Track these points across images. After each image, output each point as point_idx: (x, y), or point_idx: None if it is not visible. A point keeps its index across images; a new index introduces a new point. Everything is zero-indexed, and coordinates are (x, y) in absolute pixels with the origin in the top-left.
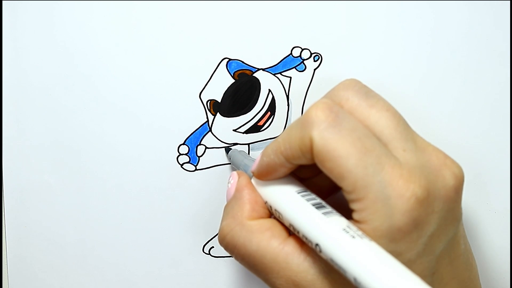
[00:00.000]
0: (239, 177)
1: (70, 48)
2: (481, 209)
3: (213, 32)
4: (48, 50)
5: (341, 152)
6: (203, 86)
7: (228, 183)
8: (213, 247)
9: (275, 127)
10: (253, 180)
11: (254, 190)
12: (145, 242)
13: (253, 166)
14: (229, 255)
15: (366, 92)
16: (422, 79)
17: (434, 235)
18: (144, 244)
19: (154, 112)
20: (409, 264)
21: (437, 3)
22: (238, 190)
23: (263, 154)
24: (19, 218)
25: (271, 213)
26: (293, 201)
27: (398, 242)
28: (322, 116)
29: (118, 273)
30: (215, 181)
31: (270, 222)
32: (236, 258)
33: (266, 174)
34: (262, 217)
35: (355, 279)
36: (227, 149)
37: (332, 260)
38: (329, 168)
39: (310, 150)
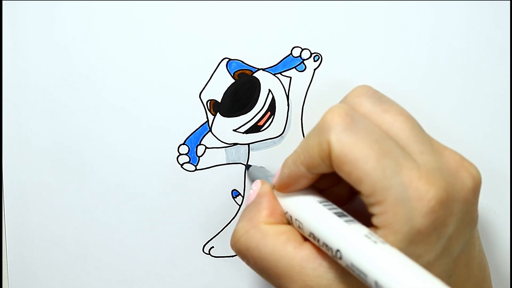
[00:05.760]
0: (261, 185)
1: (70, 48)
2: (481, 209)
3: (213, 32)
4: (48, 50)
5: (358, 155)
6: (203, 86)
7: (250, 189)
8: (213, 247)
9: (275, 127)
10: (274, 192)
11: (274, 198)
12: (145, 242)
13: (274, 179)
14: (229, 255)
15: (379, 98)
16: (422, 79)
17: (452, 237)
18: (144, 244)
19: (154, 112)
20: (428, 266)
21: (437, 3)
22: (259, 196)
23: (283, 166)
24: (19, 218)
25: (290, 223)
26: (314, 210)
27: (418, 244)
28: (338, 119)
29: (118, 273)
30: (215, 181)
31: (286, 227)
32: (248, 262)
33: (287, 186)
34: (278, 224)
35: (376, 283)
36: (248, 166)
37: (352, 265)
38: (347, 172)
39: (328, 155)
